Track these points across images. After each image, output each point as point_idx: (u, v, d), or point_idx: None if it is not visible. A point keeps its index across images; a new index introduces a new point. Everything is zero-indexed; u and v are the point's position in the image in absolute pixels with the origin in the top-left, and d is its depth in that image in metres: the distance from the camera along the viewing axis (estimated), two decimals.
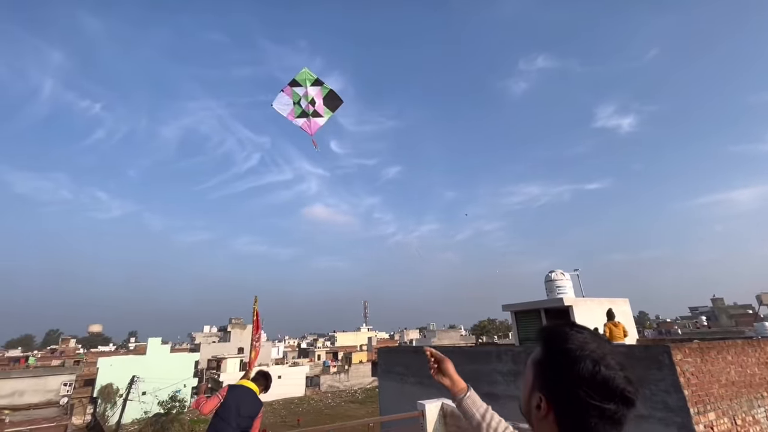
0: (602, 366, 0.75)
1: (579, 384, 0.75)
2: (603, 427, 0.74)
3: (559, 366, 0.79)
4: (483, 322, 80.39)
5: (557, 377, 0.79)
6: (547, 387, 0.82)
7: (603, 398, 0.73)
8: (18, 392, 30.36)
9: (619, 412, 0.74)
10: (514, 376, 8.06)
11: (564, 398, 0.78)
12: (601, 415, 0.74)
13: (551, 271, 11.44)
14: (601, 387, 0.74)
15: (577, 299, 10.33)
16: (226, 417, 3.56)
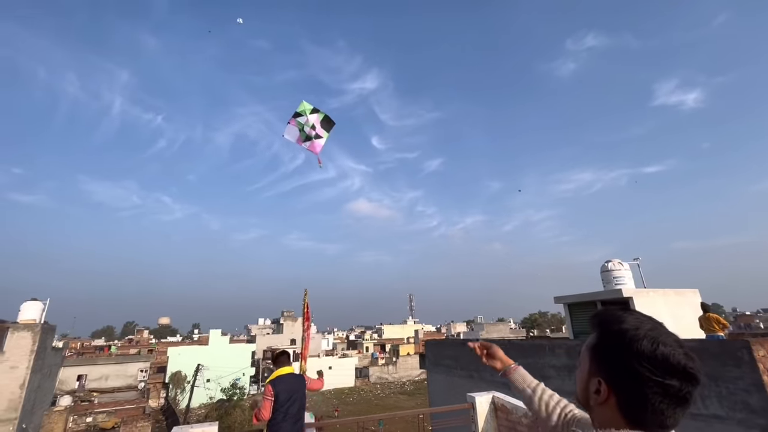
0: (660, 343, 0.73)
1: (639, 362, 0.73)
2: (668, 405, 0.72)
3: (616, 347, 0.78)
4: (534, 315, 77.60)
5: (615, 358, 0.77)
6: (605, 370, 0.80)
7: (665, 374, 0.71)
8: (104, 377, 34.07)
9: (683, 389, 0.72)
10: (568, 370, 7.71)
11: (624, 378, 0.76)
12: (665, 392, 0.72)
13: (608, 261, 10.73)
14: (662, 363, 0.72)
15: (637, 290, 9.61)
16: (284, 409, 3.71)
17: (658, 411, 0.73)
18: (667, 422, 0.74)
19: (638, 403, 0.74)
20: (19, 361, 16.27)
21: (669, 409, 0.72)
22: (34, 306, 18.25)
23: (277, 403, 3.69)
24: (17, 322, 17.51)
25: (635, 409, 0.75)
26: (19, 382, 16.09)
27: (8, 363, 16.08)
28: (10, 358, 16.16)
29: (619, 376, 0.77)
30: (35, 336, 16.87)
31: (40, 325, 17.47)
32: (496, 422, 4.32)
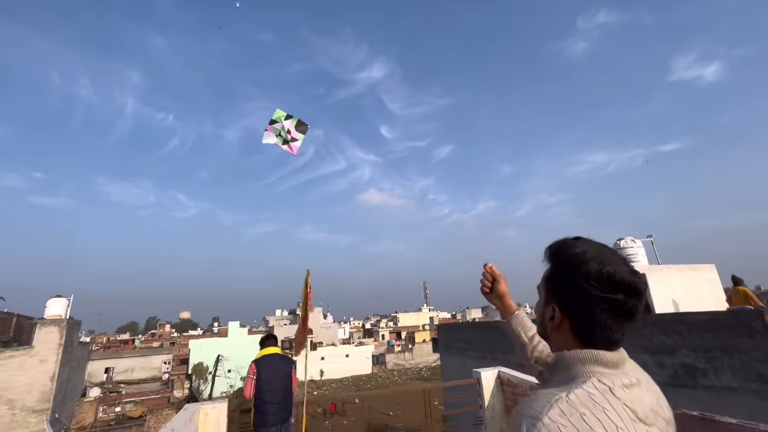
0: (606, 263, 0.77)
1: (587, 281, 0.77)
2: (615, 320, 0.76)
3: (566, 271, 0.82)
4: None
5: (566, 282, 0.81)
6: (558, 296, 0.84)
7: (611, 290, 0.75)
8: (130, 369, 35.38)
9: (628, 303, 0.76)
10: None
11: (575, 300, 0.80)
12: (612, 308, 0.76)
13: (619, 239, 10.51)
14: (608, 281, 0.76)
15: (651, 267, 9.43)
16: (268, 387, 3.79)
17: (606, 327, 0.77)
18: (615, 336, 0.78)
19: (588, 321, 0.78)
20: (47, 354, 17.00)
21: (616, 324, 0.77)
22: (59, 302, 18.96)
23: (260, 382, 3.77)
24: (44, 318, 18.25)
25: (586, 328, 0.79)
26: (49, 374, 16.84)
27: (38, 357, 16.83)
28: (40, 352, 16.90)
29: (570, 299, 0.81)
30: (62, 330, 17.57)
31: (66, 320, 18.17)
32: (502, 396, 4.36)
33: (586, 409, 0.66)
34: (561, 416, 0.65)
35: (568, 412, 0.65)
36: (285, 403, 3.88)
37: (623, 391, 0.72)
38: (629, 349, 3.60)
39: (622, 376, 0.75)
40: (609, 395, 0.70)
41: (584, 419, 0.64)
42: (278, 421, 3.76)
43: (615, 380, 0.73)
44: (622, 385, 0.73)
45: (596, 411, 0.66)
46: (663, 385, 3.94)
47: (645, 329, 6.56)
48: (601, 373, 0.74)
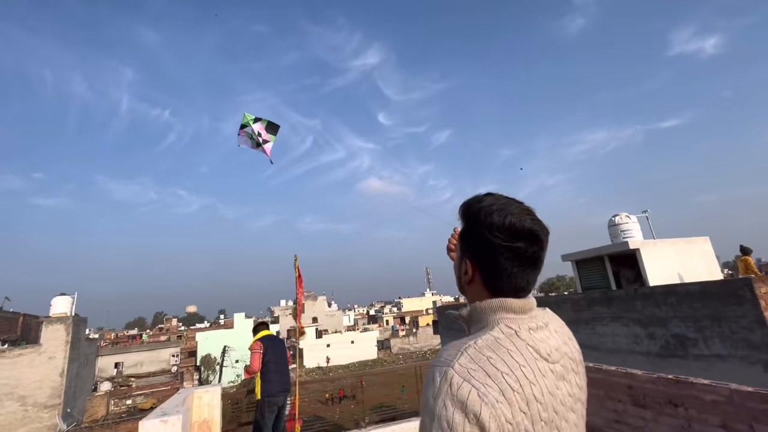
0: (509, 214, 0.81)
1: (491, 232, 0.81)
2: (519, 267, 0.81)
3: (474, 224, 0.86)
4: (552, 279, 77.56)
5: (475, 235, 0.85)
6: (470, 250, 0.88)
7: (512, 239, 0.80)
8: (139, 363, 35.96)
9: (529, 250, 0.80)
10: (574, 324, 7.77)
11: (482, 250, 0.84)
12: (515, 255, 0.80)
13: (615, 215, 10.50)
14: (509, 230, 0.80)
15: (645, 242, 9.45)
16: (273, 359, 4.11)
17: (512, 275, 0.81)
18: (520, 283, 0.82)
19: (495, 270, 0.82)
20: (55, 351, 17.29)
21: (521, 271, 0.81)
22: (63, 300, 19.17)
23: (266, 357, 4.07)
24: (50, 316, 18.49)
25: (494, 278, 0.83)
26: (58, 371, 17.15)
27: (46, 354, 17.12)
28: (48, 349, 17.18)
29: (479, 251, 0.85)
30: (68, 327, 17.82)
31: (71, 317, 18.41)
32: None
33: (491, 353, 0.72)
34: (470, 362, 0.70)
35: (476, 357, 0.71)
36: (286, 375, 4.24)
37: (529, 333, 0.78)
38: (621, 320, 3.65)
39: (528, 321, 0.81)
40: (514, 338, 0.76)
41: (490, 361, 0.70)
42: (282, 389, 4.10)
43: (521, 324, 0.79)
44: (528, 328, 0.79)
45: (501, 353, 0.73)
46: (654, 356, 4.05)
47: (637, 302, 6.63)
48: (509, 318, 0.80)
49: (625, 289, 8.20)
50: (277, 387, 4.04)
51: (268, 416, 3.97)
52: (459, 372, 0.68)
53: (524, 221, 0.81)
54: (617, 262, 9.73)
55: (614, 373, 2.91)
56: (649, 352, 6.31)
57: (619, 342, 6.92)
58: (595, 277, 10.00)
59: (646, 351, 6.38)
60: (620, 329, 6.85)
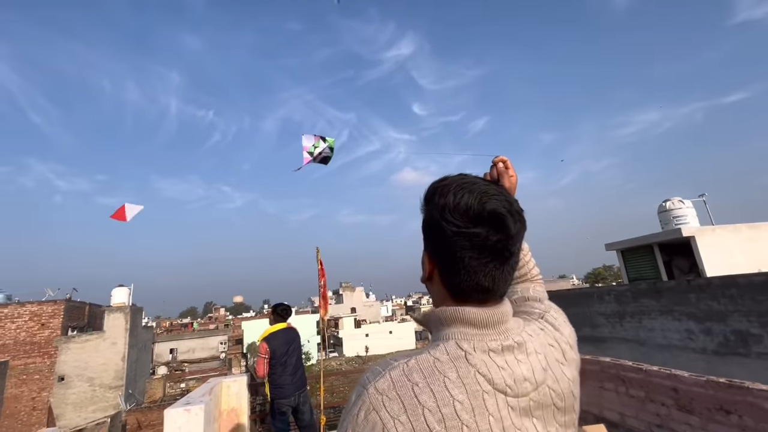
0: (466, 192, 0.62)
1: (443, 215, 0.63)
2: (479, 259, 0.61)
3: (427, 209, 0.68)
4: (598, 269, 73.72)
5: (428, 222, 0.67)
6: (427, 240, 0.69)
7: (468, 222, 0.61)
8: (191, 349, 38.53)
9: (490, 237, 0.60)
10: (619, 317, 7.27)
11: (435, 239, 0.66)
12: (472, 244, 0.60)
13: (666, 200, 9.65)
14: (465, 211, 0.61)
15: (702, 228, 8.61)
16: (281, 362, 3.90)
17: (470, 269, 0.62)
18: (483, 282, 0.62)
19: (451, 264, 0.63)
20: (117, 338, 18.89)
21: (481, 265, 0.61)
22: (122, 291, 20.83)
23: (274, 359, 3.86)
24: (111, 305, 20.18)
25: (451, 274, 0.64)
26: (120, 355, 18.75)
27: (109, 340, 18.75)
28: (110, 336, 18.81)
29: (433, 240, 0.67)
30: (126, 316, 19.38)
31: (129, 306, 19.99)
32: None
33: (421, 379, 0.55)
34: (389, 387, 0.55)
35: (398, 382, 0.55)
36: (300, 373, 4.07)
37: (485, 356, 0.59)
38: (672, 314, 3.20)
39: (491, 338, 0.61)
40: (460, 362, 0.58)
41: (414, 390, 0.54)
42: (295, 391, 3.95)
43: (479, 344, 0.60)
44: (488, 349, 0.60)
45: (432, 380, 0.55)
46: (711, 353, 3.61)
47: (691, 294, 6.06)
48: (464, 334, 0.61)
49: (678, 280, 7.54)
50: (288, 390, 3.89)
51: (280, 418, 3.85)
52: (372, 398, 0.54)
53: (484, 201, 0.61)
54: (669, 251, 8.97)
55: (656, 373, 2.63)
56: (705, 350, 5.75)
57: (669, 337, 6.38)
58: (643, 267, 9.29)
59: (701, 348, 5.83)
60: (671, 323, 6.30)
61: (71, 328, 18.97)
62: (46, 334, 17.76)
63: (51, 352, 17.58)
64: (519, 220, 0.63)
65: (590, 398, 3.35)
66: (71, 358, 17.86)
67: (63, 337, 17.96)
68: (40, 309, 18.12)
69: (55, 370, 17.45)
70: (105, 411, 17.34)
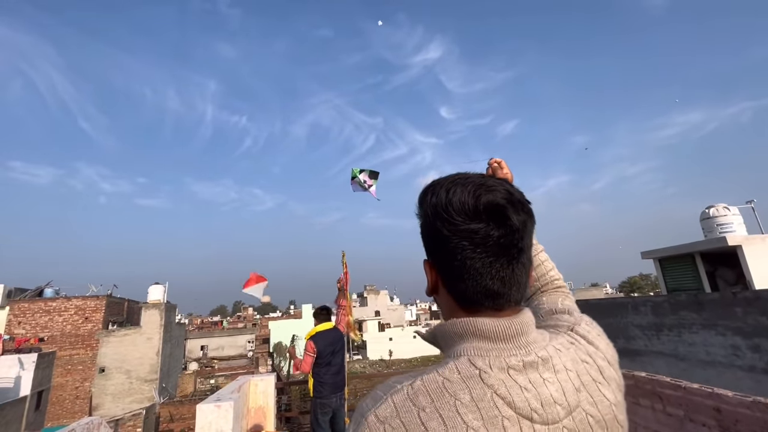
0: (459, 186, 0.57)
1: (436, 214, 0.57)
2: (483, 258, 0.54)
3: (422, 210, 0.62)
4: (634, 277, 70.39)
5: (424, 225, 0.61)
6: (426, 249, 0.62)
7: (465, 219, 0.54)
8: (220, 347, 39.77)
9: (492, 233, 0.53)
10: (656, 330, 6.91)
11: (434, 243, 0.59)
12: (473, 242, 0.54)
13: (709, 207, 9.09)
14: (459, 208, 0.55)
15: (750, 237, 8.05)
16: (327, 361, 3.96)
17: (475, 272, 0.54)
18: (492, 285, 0.55)
19: (454, 269, 0.56)
20: (152, 333, 19.82)
21: (486, 265, 0.54)
22: (157, 288, 21.84)
23: (320, 358, 3.93)
24: (147, 302, 21.19)
25: (453, 279, 0.57)
26: (155, 350, 19.65)
27: (145, 335, 19.68)
28: (146, 331, 19.75)
29: (432, 245, 0.60)
30: (161, 312, 20.28)
31: (164, 303, 20.92)
32: None
33: (428, 403, 0.48)
34: (392, 415, 0.48)
35: (402, 408, 0.48)
36: (341, 374, 4.14)
37: (504, 375, 0.51)
38: (716, 329, 3.09)
39: (511, 354, 0.53)
40: (474, 382, 0.50)
41: (420, 417, 0.47)
42: (335, 390, 4.02)
43: (495, 360, 0.52)
44: (507, 366, 0.51)
45: (442, 405, 0.48)
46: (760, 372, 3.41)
47: (737, 308, 5.68)
48: (478, 349, 0.53)
49: (722, 292, 7.09)
50: (329, 389, 3.94)
51: (322, 418, 3.89)
52: (372, 427, 0.47)
53: (479, 194, 0.54)
54: (712, 261, 8.44)
55: (697, 391, 2.48)
56: (753, 368, 5.36)
57: (713, 353, 6.00)
58: (683, 277, 8.79)
59: (749, 366, 5.44)
60: (714, 338, 5.92)
61: (111, 322, 20.05)
62: (89, 328, 18.87)
63: (93, 344, 18.66)
64: (523, 210, 0.56)
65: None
66: (111, 351, 18.87)
67: (104, 331, 19.02)
68: (84, 303, 19.28)
69: (96, 362, 18.49)
70: (140, 403, 18.18)
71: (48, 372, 16.21)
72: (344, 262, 4.50)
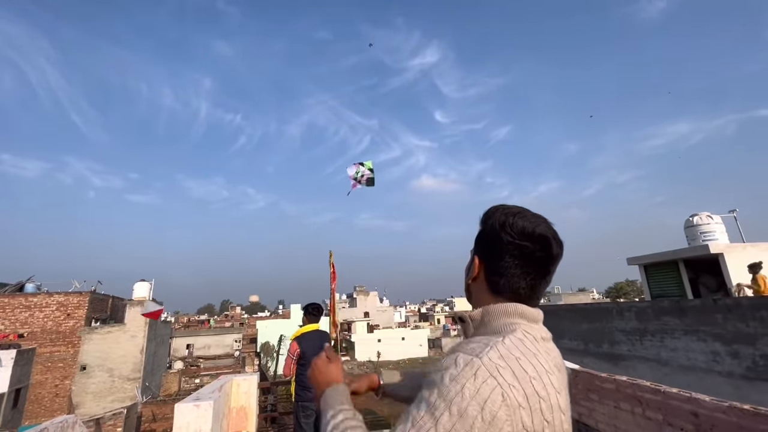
0: (523, 217, 0.81)
1: (502, 228, 0.80)
2: (523, 268, 0.78)
3: (488, 223, 0.86)
4: (620, 283, 71.32)
5: (487, 232, 0.85)
6: (478, 247, 0.87)
7: (522, 237, 0.78)
8: (207, 346, 39.19)
9: (536, 252, 0.78)
10: (639, 335, 7.01)
11: (489, 245, 0.83)
12: (521, 254, 0.78)
13: (693, 215, 9.27)
14: (521, 230, 0.79)
15: (732, 245, 8.23)
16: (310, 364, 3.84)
17: (513, 275, 0.78)
18: (519, 285, 0.78)
19: (498, 267, 0.80)
20: (137, 331, 19.42)
21: (523, 273, 0.78)
22: (143, 285, 21.45)
23: (303, 359, 3.80)
24: (132, 299, 20.79)
25: (495, 275, 0.81)
26: (138, 348, 19.25)
27: (129, 333, 19.28)
28: (130, 329, 19.35)
29: (487, 247, 0.84)
30: (147, 310, 19.91)
31: (150, 301, 20.53)
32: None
33: (520, 354, 0.68)
34: (499, 358, 0.66)
35: (505, 355, 0.67)
36: None
37: (543, 342, 0.76)
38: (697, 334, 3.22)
39: (541, 330, 0.79)
40: (536, 343, 0.73)
41: (519, 362, 0.67)
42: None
43: (536, 333, 0.76)
44: (542, 338, 0.77)
45: (529, 356, 0.69)
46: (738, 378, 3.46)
47: (718, 314, 5.79)
48: (525, 324, 0.77)
49: (704, 299, 7.22)
50: (312, 393, 3.82)
51: (304, 421, 3.77)
52: (487, 366, 0.65)
53: (537, 225, 0.80)
54: (695, 268, 8.61)
55: (675, 396, 2.51)
56: (732, 373, 5.47)
57: (693, 359, 6.10)
58: (667, 283, 8.94)
59: (727, 371, 5.55)
60: (695, 344, 6.03)
61: (94, 319, 19.61)
62: (71, 324, 18.42)
63: (75, 341, 18.22)
64: (560, 247, 0.81)
65: (605, 417, 3.23)
66: (93, 349, 18.45)
67: (86, 328, 18.59)
68: (67, 300, 18.82)
69: (78, 360, 18.06)
70: (122, 402, 17.80)
71: (27, 369, 15.79)
72: (331, 262, 4.47)
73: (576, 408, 3.61)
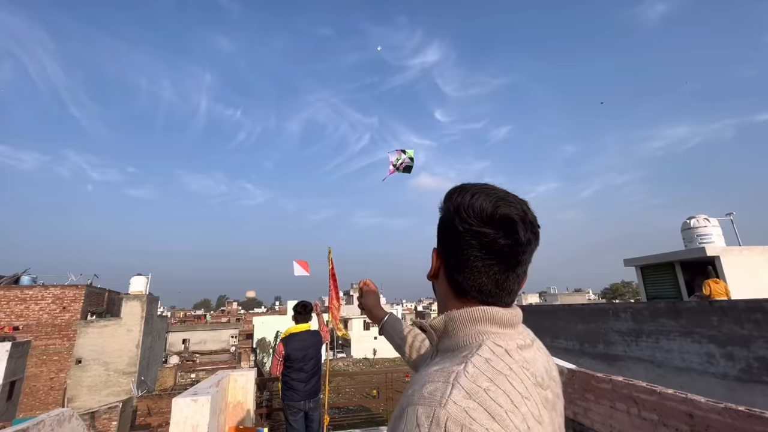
0: (483, 195, 0.64)
1: (457, 212, 0.65)
2: (485, 260, 0.62)
3: (444, 207, 0.70)
4: (616, 284, 71.78)
5: (443, 219, 0.70)
6: (438, 236, 0.72)
7: (479, 222, 0.62)
8: (203, 341, 39.20)
9: (498, 240, 0.61)
10: (635, 336, 7.05)
11: (446, 235, 0.68)
12: (480, 244, 0.62)
13: (690, 218, 9.33)
14: (478, 213, 0.63)
15: (728, 248, 8.28)
16: (297, 366, 3.78)
17: (474, 270, 0.63)
18: (485, 284, 0.63)
19: (456, 262, 0.65)
20: (133, 325, 19.40)
21: (486, 267, 0.62)
22: (140, 280, 21.39)
23: (290, 361, 3.77)
24: (128, 293, 20.75)
25: (454, 270, 0.66)
26: (134, 342, 19.25)
27: (125, 327, 19.26)
28: (127, 323, 19.33)
29: (444, 237, 0.69)
30: (143, 304, 19.87)
31: (146, 295, 20.50)
32: None
33: (488, 382, 0.53)
34: (465, 398, 0.50)
35: (472, 391, 0.51)
36: (315, 379, 3.93)
37: (519, 353, 0.61)
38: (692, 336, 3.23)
39: (516, 336, 0.64)
40: (507, 358, 0.58)
41: (489, 395, 0.51)
42: (307, 396, 3.83)
43: (510, 341, 0.62)
44: (517, 346, 0.62)
45: (499, 381, 0.54)
46: (732, 379, 3.50)
47: (713, 316, 5.83)
48: (495, 333, 0.62)
49: (699, 301, 7.27)
50: (299, 395, 3.78)
51: (292, 418, 3.78)
52: (454, 415, 0.48)
53: (498, 205, 0.62)
54: (691, 271, 8.65)
55: (671, 396, 2.53)
56: (726, 375, 5.51)
57: (688, 360, 6.15)
58: (663, 285, 8.99)
59: (722, 373, 5.59)
60: (690, 346, 6.07)
61: (90, 312, 19.57)
62: (67, 318, 18.37)
63: (70, 335, 18.18)
64: (531, 230, 0.64)
65: (600, 417, 3.25)
66: (89, 342, 18.42)
67: (82, 321, 18.55)
68: (63, 293, 18.76)
69: (73, 353, 18.03)
70: (118, 396, 17.79)
71: (22, 362, 15.74)
72: (330, 258, 4.48)
73: (572, 407, 3.63)
